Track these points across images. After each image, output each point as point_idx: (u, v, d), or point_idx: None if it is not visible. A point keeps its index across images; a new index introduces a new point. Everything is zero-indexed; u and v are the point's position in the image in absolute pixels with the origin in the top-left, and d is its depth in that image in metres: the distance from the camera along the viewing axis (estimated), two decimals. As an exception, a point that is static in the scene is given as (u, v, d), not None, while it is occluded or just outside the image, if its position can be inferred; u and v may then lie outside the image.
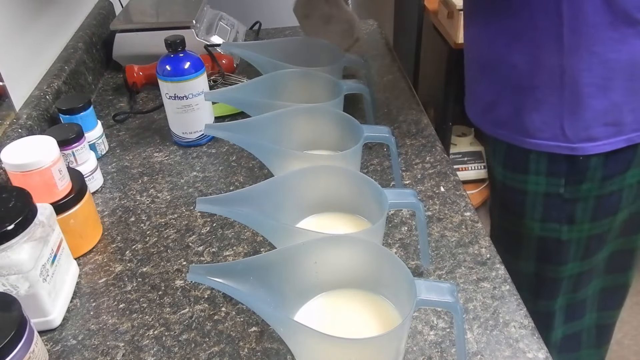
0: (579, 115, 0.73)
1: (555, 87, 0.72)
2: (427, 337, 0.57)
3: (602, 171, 0.76)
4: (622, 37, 0.68)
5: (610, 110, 0.72)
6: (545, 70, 0.72)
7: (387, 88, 1.04)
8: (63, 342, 0.59)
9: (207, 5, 1.22)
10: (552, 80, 0.72)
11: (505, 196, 0.87)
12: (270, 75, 0.79)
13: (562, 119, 0.74)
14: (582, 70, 0.70)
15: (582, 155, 0.75)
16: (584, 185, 0.78)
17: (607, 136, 0.74)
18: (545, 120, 0.75)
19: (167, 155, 0.89)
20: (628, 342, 1.63)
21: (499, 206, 0.90)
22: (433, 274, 0.65)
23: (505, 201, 0.88)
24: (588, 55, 0.69)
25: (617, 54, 0.69)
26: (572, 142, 0.74)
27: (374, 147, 0.87)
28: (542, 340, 0.56)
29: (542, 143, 0.76)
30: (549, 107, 0.74)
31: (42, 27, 0.97)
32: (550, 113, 0.74)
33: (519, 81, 0.76)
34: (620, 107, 0.72)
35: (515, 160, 0.82)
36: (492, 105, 0.81)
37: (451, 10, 1.65)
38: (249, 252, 0.70)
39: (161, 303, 0.63)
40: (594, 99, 0.72)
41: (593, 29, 0.68)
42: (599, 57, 0.69)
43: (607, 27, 0.67)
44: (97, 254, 0.71)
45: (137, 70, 1.06)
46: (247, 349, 0.57)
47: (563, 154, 0.76)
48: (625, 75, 0.70)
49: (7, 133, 0.77)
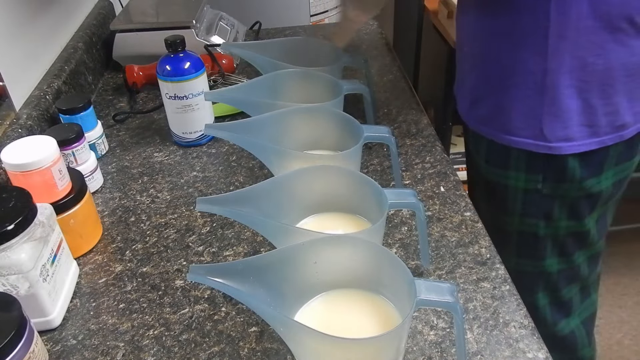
0: (558, 116, 0.75)
1: (537, 87, 0.74)
2: (427, 337, 0.57)
3: (579, 172, 0.78)
4: (602, 43, 0.70)
5: (586, 111, 0.74)
6: (528, 70, 0.74)
7: (387, 88, 1.04)
8: (63, 342, 0.59)
9: (207, 5, 1.22)
10: (534, 80, 0.74)
11: (488, 190, 0.90)
12: (270, 75, 0.79)
13: (541, 119, 0.76)
14: (564, 73, 0.72)
15: (559, 154, 0.77)
16: (563, 184, 0.80)
17: (582, 137, 0.76)
18: (525, 119, 0.77)
19: (167, 155, 0.89)
20: (628, 342, 1.63)
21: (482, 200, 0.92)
22: (433, 274, 0.65)
23: (488, 195, 0.90)
24: (570, 59, 0.71)
25: (596, 59, 0.71)
26: (550, 142, 0.77)
27: (374, 147, 0.87)
28: (542, 340, 0.56)
29: (521, 141, 0.79)
30: (529, 106, 0.76)
31: (42, 27, 0.97)
32: (530, 112, 0.76)
33: (501, 79, 0.78)
34: (596, 110, 0.74)
35: (497, 156, 0.84)
36: (477, 101, 0.83)
37: (451, 10, 1.65)
38: (249, 252, 0.70)
39: (161, 303, 0.63)
40: (572, 100, 0.73)
41: (577, 33, 0.69)
42: (580, 60, 0.71)
43: (590, 32, 0.69)
44: (97, 254, 0.71)
45: (137, 70, 1.06)
46: (247, 349, 0.57)
47: (541, 152, 0.78)
48: (602, 80, 0.72)
49: (7, 133, 0.77)
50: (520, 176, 0.82)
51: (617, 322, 1.00)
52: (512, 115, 0.78)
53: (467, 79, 0.86)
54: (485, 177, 0.88)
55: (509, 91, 0.77)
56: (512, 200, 0.85)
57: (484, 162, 0.87)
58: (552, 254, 0.87)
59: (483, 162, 0.87)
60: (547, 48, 0.71)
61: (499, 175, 0.85)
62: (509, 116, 0.78)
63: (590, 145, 0.76)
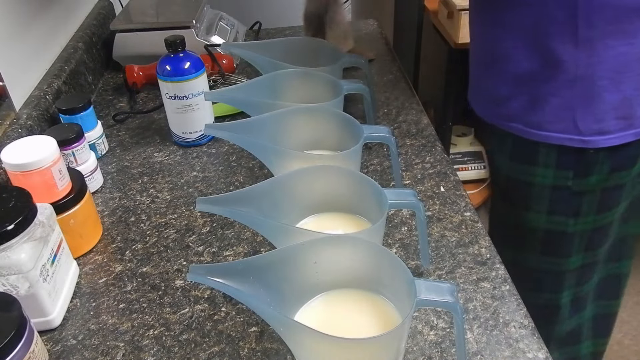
0: (592, 108, 0.73)
1: (569, 80, 0.72)
2: (427, 337, 0.57)
3: (609, 164, 0.77)
4: (634, 31, 0.68)
5: (622, 103, 0.72)
6: (559, 63, 0.72)
7: (387, 88, 1.04)
8: (63, 342, 0.59)
9: (207, 5, 1.22)
10: (565, 73, 0.72)
11: (509, 189, 0.87)
12: (270, 75, 0.79)
13: (574, 112, 0.74)
14: (596, 64, 0.70)
15: (593, 148, 0.75)
16: (592, 178, 0.78)
17: (618, 129, 0.74)
18: (557, 113, 0.75)
19: (167, 155, 0.89)
20: (628, 342, 1.63)
21: (502, 200, 0.90)
22: (433, 274, 0.65)
23: (510, 194, 0.88)
24: (602, 48, 0.69)
25: (630, 47, 0.69)
26: (584, 135, 0.75)
27: (374, 147, 0.87)
28: (542, 340, 0.56)
29: (552, 135, 0.76)
30: (562, 100, 0.74)
31: (42, 27, 0.97)
32: (562, 106, 0.74)
33: (531, 75, 0.75)
34: (631, 101, 0.73)
35: (523, 153, 0.82)
36: (503, 99, 0.81)
37: (451, 10, 1.65)
38: (249, 252, 0.70)
39: (161, 303, 0.63)
40: (607, 92, 0.72)
41: (607, 21, 0.68)
42: (612, 50, 0.69)
43: (621, 20, 0.68)
44: (97, 254, 0.71)
45: (137, 70, 1.06)
46: (247, 349, 0.57)
47: (574, 146, 0.76)
48: (636, 69, 0.70)
49: (7, 133, 0.77)
50: (549, 173, 0.80)
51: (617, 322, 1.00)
52: (544, 109, 0.76)
53: (488, 79, 0.83)
54: (508, 175, 0.86)
55: (539, 85, 0.75)
56: (538, 198, 0.83)
57: (509, 160, 0.84)
58: (578, 249, 0.85)
59: (507, 159, 0.85)
60: (576, 38, 0.69)
61: (525, 172, 0.83)
62: (540, 111, 0.76)
63: (625, 138, 0.74)
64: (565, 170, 0.79)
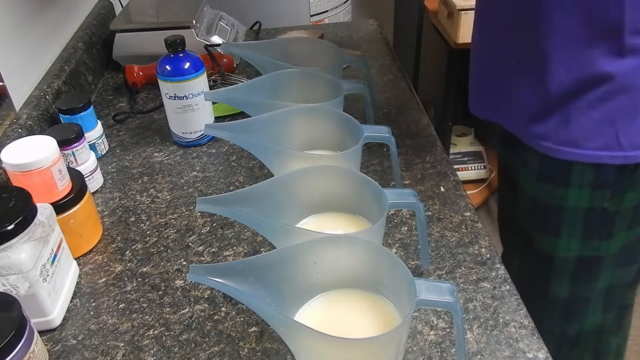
0: (637, 121, 0.68)
1: (611, 91, 0.68)
2: (427, 337, 0.57)
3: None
4: None
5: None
6: (601, 73, 0.67)
7: (387, 88, 1.04)
8: (63, 342, 0.59)
9: (207, 5, 1.22)
10: (608, 84, 0.67)
11: (535, 213, 0.81)
12: (270, 75, 0.79)
13: (616, 126, 0.69)
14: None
15: (634, 163, 0.70)
16: (628, 195, 0.74)
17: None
18: (597, 128, 0.69)
19: (167, 155, 0.89)
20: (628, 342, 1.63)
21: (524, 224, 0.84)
22: (433, 274, 0.65)
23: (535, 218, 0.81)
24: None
25: None
26: (626, 150, 0.69)
27: (374, 147, 0.87)
28: (542, 340, 0.56)
29: (590, 153, 0.70)
30: (602, 113, 0.69)
31: (42, 27, 0.97)
32: (603, 120, 0.69)
33: (570, 87, 0.70)
34: None
35: (553, 173, 0.75)
36: (537, 115, 0.74)
37: (451, 10, 1.65)
38: (249, 252, 0.70)
39: (161, 303, 0.63)
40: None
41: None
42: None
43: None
44: (97, 254, 0.71)
45: (137, 70, 1.06)
46: (247, 349, 0.57)
47: (615, 164, 0.70)
48: None
49: (7, 133, 0.77)
50: (584, 194, 0.73)
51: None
52: (581, 125, 0.70)
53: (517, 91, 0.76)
54: (533, 197, 0.79)
55: (577, 99, 0.69)
56: (570, 222, 0.76)
57: (535, 181, 0.78)
58: (608, 268, 0.80)
59: (534, 180, 0.78)
60: (621, 48, 0.65)
61: (554, 194, 0.76)
62: (576, 126, 0.70)
63: None
64: (602, 190, 0.73)
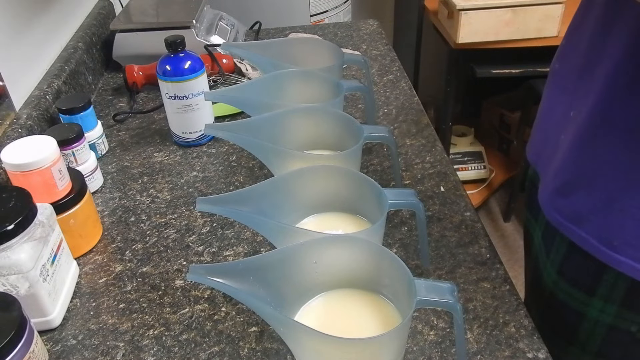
0: None
1: None
2: (427, 337, 0.57)
3: None
4: None
5: None
6: None
7: (387, 88, 1.04)
8: (63, 342, 0.59)
9: (207, 5, 1.22)
10: None
11: (553, 311, 0.67)
12: (270, 75, 0.79)
13: None
14: None
15: None
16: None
17: None
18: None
19: (167, 155, 0.89)
20: None
21: (543, 323, 0.66)
22: (433, 274, 0.65)
23: (548, 317, 0.68)
24: None
25: None
26: None
27: (374, 147, 0.87)
28: (542, 340, 0.56)
29: (628, 264, 0.55)
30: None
31: (42, 27, 0.97)
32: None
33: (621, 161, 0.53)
34: None
35: (578, 273, 0.61)
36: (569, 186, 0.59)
37: (451, 10, 1.65)
38: (249, 252, 0.70)
39: (161, 303, 0.63)
40: None
41: None
42: None
43: None
44: (97, 254, 0.71)
45: (137, 70, 1.06)
46: (247, 349, 0.57)
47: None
48: None
49: (7, 133, 0.77)
50: (610, 309, 0.59)
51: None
52: (624, 224, 0.54)
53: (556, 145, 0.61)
54: (553, 293, 0.65)
55: (627, 188, 0.52)
56: (588, 334, 0.62)
57: (555, 273, 0.64)
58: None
59: (554, 271, 0.64)
60: None
61: (575, 298, 0.62)
62: (617, 224, 0.54)
63: None
64: (633, 313, 0.58)
